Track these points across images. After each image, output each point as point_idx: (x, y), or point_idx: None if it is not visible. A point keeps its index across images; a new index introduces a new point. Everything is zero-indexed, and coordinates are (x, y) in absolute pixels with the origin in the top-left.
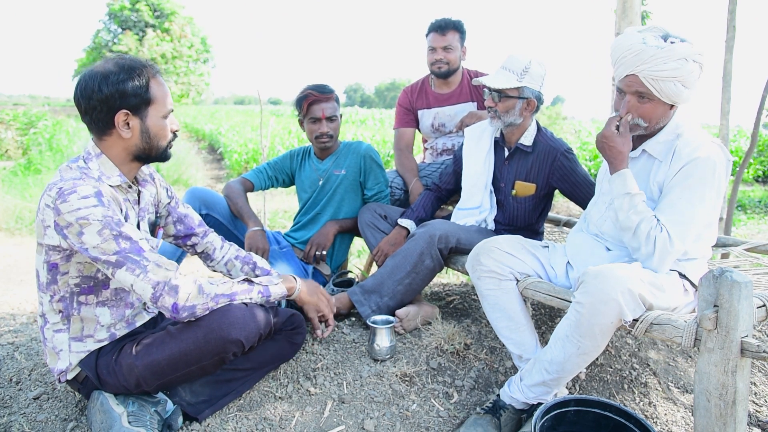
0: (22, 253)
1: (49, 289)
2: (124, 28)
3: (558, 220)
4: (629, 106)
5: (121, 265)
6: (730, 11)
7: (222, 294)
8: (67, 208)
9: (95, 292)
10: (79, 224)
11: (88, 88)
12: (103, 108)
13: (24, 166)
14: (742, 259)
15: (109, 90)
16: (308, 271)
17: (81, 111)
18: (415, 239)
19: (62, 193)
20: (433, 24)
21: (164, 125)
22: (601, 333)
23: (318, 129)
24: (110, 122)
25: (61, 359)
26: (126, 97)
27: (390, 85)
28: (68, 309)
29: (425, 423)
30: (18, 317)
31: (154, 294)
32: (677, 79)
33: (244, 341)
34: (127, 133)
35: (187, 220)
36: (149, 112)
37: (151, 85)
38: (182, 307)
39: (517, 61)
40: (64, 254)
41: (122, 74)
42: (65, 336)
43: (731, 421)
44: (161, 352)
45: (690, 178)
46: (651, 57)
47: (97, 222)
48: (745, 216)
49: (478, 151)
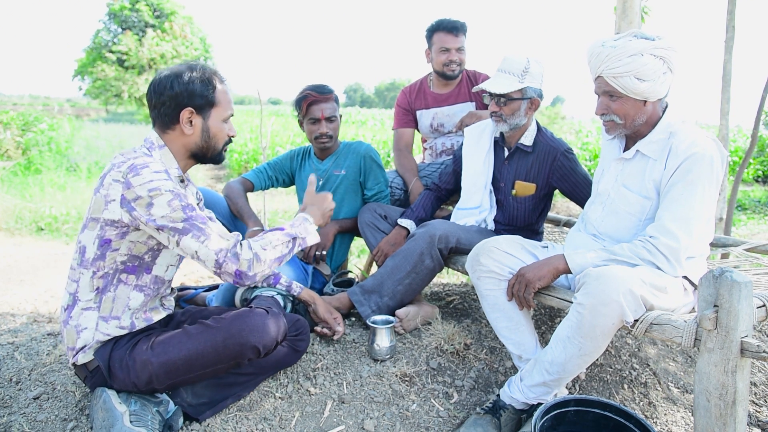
0: (22, 253)
1: (93, 265)
2: (124, 28)
3: (558, 220)
4: (603, 106)
5: (188, 232)
6: (729, 11)
7: (275, 258)
8: (140, 181)
9: (137, 273)
10: (150, 196)
11: (161, 85)
12: (171, 104)
13: (24, 166)
14: (742, 259)
15: (179, 88)
16: (308, 271)
17: (150, 105)
18: (415, 239)
19: (134, 168)
20: (444, 24)
21: (223, 128)
22: (603, 334)
23: (317, 129)
24: (176, 118)
25: (81, 338)
26: (194, 96)
27: (390, 85)
28: (107, 286)
29: (425, 423)
30: (18, 317)
31: (217, 261)
32: (631, 73)
33: (261, 348)
34: (189, 130)
35: None
36: (212, 114)
37: (217, 89)
38: (244, 274)
39: (515, 63)
40: (120, 231)
41: (193, 75)
42: (94, 314)
43: (731, 421)
44: (178, 351)
45: (689, 173)
46: (607, 56)
47: (168, 192)
48: (745, 216)
49: (477, 150)
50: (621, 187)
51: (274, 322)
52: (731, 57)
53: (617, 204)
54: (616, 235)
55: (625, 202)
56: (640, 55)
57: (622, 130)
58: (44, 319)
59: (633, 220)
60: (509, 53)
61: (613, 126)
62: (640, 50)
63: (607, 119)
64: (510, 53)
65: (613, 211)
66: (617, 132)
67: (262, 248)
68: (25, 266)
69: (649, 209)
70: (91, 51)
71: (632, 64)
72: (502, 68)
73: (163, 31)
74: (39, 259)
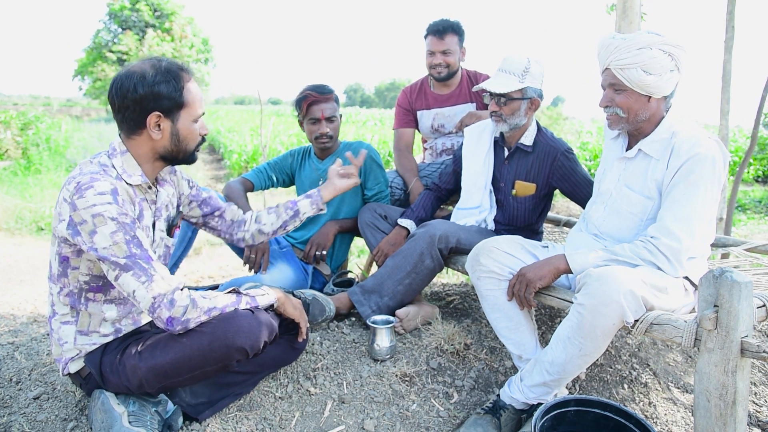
0: (22, 253)
1: (59, 281)
2: (124, 28)
3: (558, 220)
4: (607, 99)
5: (129, 269)
6: (729, 11)
7: (214, 307)
8: (83, 204)
9: (103, 290)
10: (93, 222)
11: (124, 87)
12: (136, 108)
13: (24, 166)
14: (742, 259)
15: (144, 91)
16: (308, 271)
17: (114, 108)
18: (415, 239)
19: (79, 188)
20: (431, 27)
21: (194, 129)
22: (603, 335)
23: (317, 130)
24: (142, 122)
25: (65, 351)
26: (160, 99)
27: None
28: (76, 304)
29: (425, 423)
30: (18, 317)
31: (153, 305)
32: (638, 65)
33: (249, 349)
34: (157, 135)
35: (211, 201)
36: (181, 116)
37: (185, 89)
38: (176, 320)
39: (515, 63)
40: (75, 249)
41: (158, 76)
42: (72, 328)
43: (731, 421)
44: (165, 356)
45: (692, 174)
46: (616, 48)
47: (111, 222)
48: (745, 216)
49: (477, 150)
50: (623, 186)
51: (261, 322)
52: (731, 57)
53: (619, 204)
54: (618, 235)
55: (627, 201)
56: (649, 49)
57: (625, 125)
58: (44, 319)
59: (635, 219)
60: (510, 53)
61: (615, 120)
62: (649, 44)
63: (610, 112)
64: (510, 53)
65: (614, 210)
66: (619, 126)
67: (201, 296)
68: (25, 266)
69: (651, 209)
70: (91, 51)
71: (640, 56)
72: (502, 68)
73: (163, 31)
74: (39, 259)
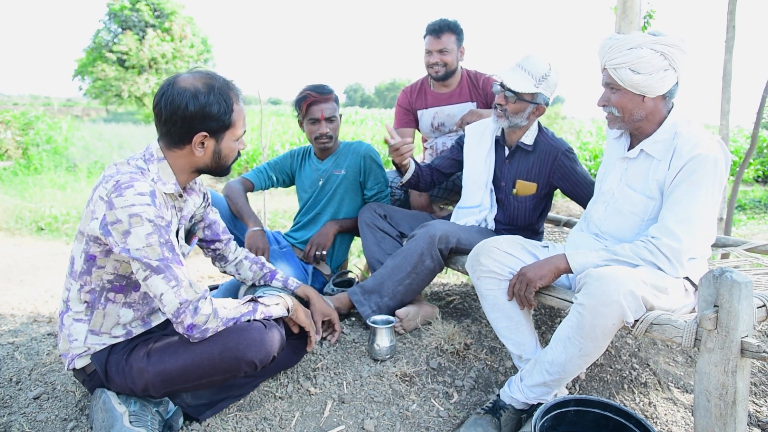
0: (22, 253)
1: (80, 279)
2: (124, 28)
3: (558, 220)
4: (603, 98)
5: (160, 272)
6: (729, 11)
7: (233, 318)
8: (121, 203)
9: (125, 292)
10: (130, 221)
11: (175, 103)
12: (184, 125)
13: (24, 166)
14: (742, 259)
15: (194, 109)
16: (308, 271)
17: (160, 119)
18: (416, 239)
19: (119, 187)
20: (429, 27)
21: (235, 147)
22: (603, 335)
23: (317, 130)
24: (187, 139)
25: (74, 348)
26: (209, 120)
27: (390, 85)
28: (95, 302)
29: (425, 423)
30: (18, 317)
31: (178, 309)
32: (627, 64)
33: (258, 363)
34: (200, 152)
35: (215, 227)
36: (225, 136)
37: (234, 110)
38: (197, 327)
39: (537, 66)
40: (104, 249)
41: (211, 97)
42: (84, 327)
43: (731, 421)
44: (174, 361)
45: (693, 174)
46: (610, 47)
47: (148, 223)
48: (745, 216)
49: (478, 149)
50: (625, 186)
51: (272, 336)
52: (731, 57)
53: (620, 203)
54: (619, 235)
55: (628, 201)
56: (639, 48)
57: (621, 125)
58: (44, 319)
59: (636, 219)
60: (534, 52)
61: (612, 119)
62: (640, 44)
63: (607, 111)
64: (534, 53)
65: (616, 210)
66: (617, 126)
67: (223, 306)
68: (25, 266)
69: (652, 209)
70: (92, 51)
71: (629, 56)
72: (522, 65)
73: (163, 31)
74: (39, 259)
